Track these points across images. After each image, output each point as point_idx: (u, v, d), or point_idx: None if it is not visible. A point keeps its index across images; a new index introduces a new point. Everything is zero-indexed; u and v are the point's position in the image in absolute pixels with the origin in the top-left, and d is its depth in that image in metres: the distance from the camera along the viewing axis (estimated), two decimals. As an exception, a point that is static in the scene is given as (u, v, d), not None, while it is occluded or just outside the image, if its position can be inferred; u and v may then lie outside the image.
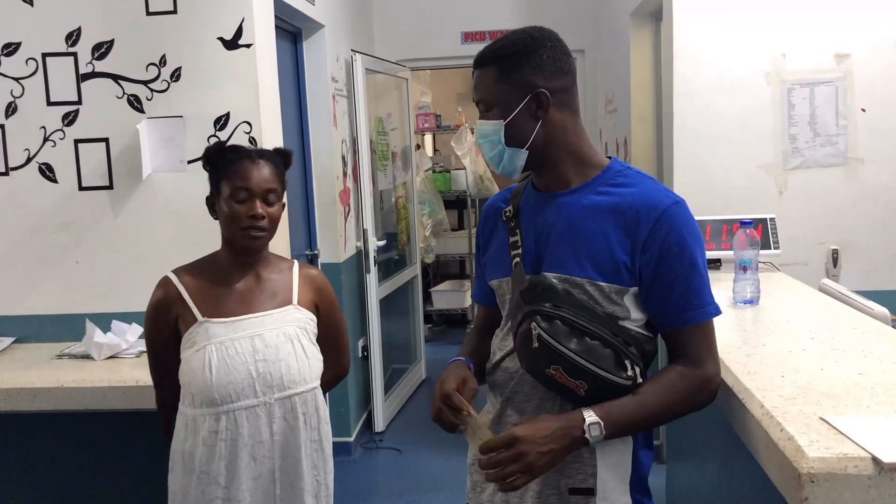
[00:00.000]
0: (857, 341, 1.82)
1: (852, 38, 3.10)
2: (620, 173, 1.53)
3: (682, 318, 1.46)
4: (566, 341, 1.40)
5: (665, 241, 1.44)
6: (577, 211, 1.50)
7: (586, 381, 1.39)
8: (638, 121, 4.07)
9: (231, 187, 1.87)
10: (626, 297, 1.46)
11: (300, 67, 3.98)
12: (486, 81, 1.52)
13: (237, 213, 1.86)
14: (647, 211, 1.45)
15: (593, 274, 1.45)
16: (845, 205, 3.17)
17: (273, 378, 1.88)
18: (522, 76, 1.48)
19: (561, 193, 1.53)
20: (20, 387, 2.39)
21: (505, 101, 1.49)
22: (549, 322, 1.41)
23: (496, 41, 1.54)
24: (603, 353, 1.41)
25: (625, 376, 1.41)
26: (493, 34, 5.24)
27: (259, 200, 1.87)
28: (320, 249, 4.08)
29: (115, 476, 2.77)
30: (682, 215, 1.46)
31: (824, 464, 1.17)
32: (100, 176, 2.87)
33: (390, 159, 5.03)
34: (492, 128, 1.51)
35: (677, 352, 1.48)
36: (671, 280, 1.44)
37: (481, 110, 1.53)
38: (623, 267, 1.45)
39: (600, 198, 1.50)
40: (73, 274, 2.90)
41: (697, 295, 1.46)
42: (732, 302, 2.28)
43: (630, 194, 1.48)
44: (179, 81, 2.83)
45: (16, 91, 2.85)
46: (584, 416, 1.37)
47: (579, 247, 1.47)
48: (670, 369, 1.46)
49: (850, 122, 3.13)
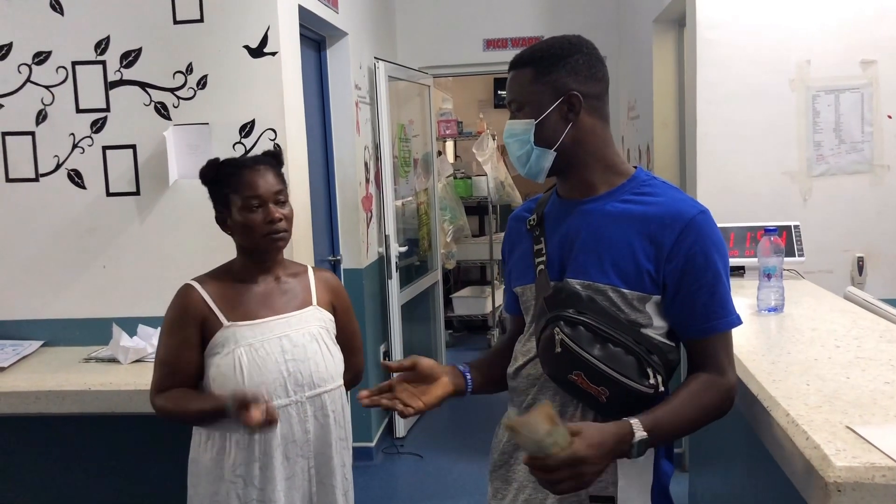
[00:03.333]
0: (883, 350, 1.80)
1: (878, 44, 3.08)
2: (646, 183, 1.54)
3: (706, 327, 1.46)
4: (589, 347, 1.40)
5: (690, 251, 1.44)
6: (601, 218, 1.51)
7: (608, 388, 1.40)
8: (660, 127, 4.06)
9: (242, 198, 1.90)
10: (649, 305, 1.47)
11: (324, 75, 4.02)
12: (520, 81, 1.53)
13: (254, 221, 1.89)
14: (673, 220, 1.45)
15: (616, 281, 1.45)
16: (871, 212, 3.14)
17: (304, 377, 1.91)
18: (557, 77, 1.49)
19: (585, 200, 1.54)
20: (49, 389, 2.43)
21: (538, 101, 1.50)
22: (573, 328, 1.42)
23: (534, 45, 1.55)
24: (626, 360, 1.41)
25: (647, 384, 1.41)
26: (514, 41, 5.25)
27: (272, 204, 1.91)
28: (342, 255, 4.11)
29: (138, 479, 2.81)
30: (708, 225, 1.47)
31: (851, 473, 1.16)
32: (127, 182, 2.91)
33: (412, 166, 5.06)
34: (522, 127, 1.52)
35: (699, 360, 1.48)
36: (696, 289, 1.45)
37: (513, 110, 1.54)
38: (647, 275, 1.45)
39: (625, 206, 1.50)
40: (100, 279, 2.94)
41: (722, 304, 1.47)
42: (756, 309, 2.27)
43: (656, 203, 1.49)
44: (205, 89, 2.87)
45: (46, 99, 2.90)
46: (633, 432, 1.34)
47: (603, 254, 1.48)
48: (698, 379, 1.45)
49: (875, 128, 3.11)
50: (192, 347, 1.93)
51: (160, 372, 1.97)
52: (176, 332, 1.94)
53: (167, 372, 1.95)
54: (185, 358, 1.93)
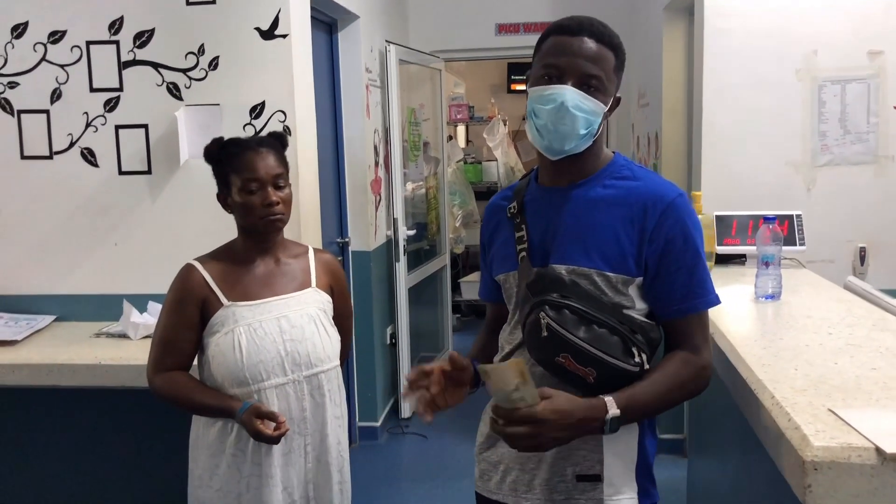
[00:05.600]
0: (874, 338, 1.82)
1: (885, 35, 3.07)
2: (624, 167, 1.58)
3: (684, 306, 1.51)
4: (574, 330, 1.44)
5: (671, 232, 1.49)
6: (584, 204, 1.54)
7: (595, 369, 1.43)
8: (669, 115, 4.07)
9: (241, 180, 1.94)
10: (632, 288, 1.51)
11: (335, 58, 4.05)
12: (607, 62, 1.50)
13: (252, 203, 1.94)
14: (654, 203, 1.50)
15: (601, 264, 1.49)
16: (874, 203, 3.15)
17: (301, 357, 1.96)
18: (621, 77, 1.55)
19: (567, 188, 1.57)
20: (61, 363, 2.49)
21: (611, 90, 1.53)
22: (558, 311, 1.45)
23: (602, 23, 1.52)
24: (611, 340, 1.45)
25: (632, 363, 1.45)
26: (527, 26, 5.26)
27: (270, 187, 1.94)
28: (351, 237, 4.16)
29: (143, 451, 2.88)
30: (686, 207, 1.53)
31: (828, 453, 1.20)
32: (139, 161, 2.96)
33: (422, 150, 5.08)
34: (593, 107, 1.49)
35: (676, 339, 1.52)
36: (675, 269, 1.49)
37: (592, 84, 1.48)
38: (630, 257, 1.49)
39: (606, 191, 1.54)
40: (111, 256, 3.00)
41: (700, 284, 1.51)
42: (754, 297, 2.30)
43: (636, 187, 1.53)
44: (217, 70, 2.91)
45: (61, 78, 2.95)
46: (607, 408, 1.39)
47: (587, 239, 1.51)
48: (674, 358, 1.50)
49: (881, 119, 3.11)
50: (191, 327, 1.97)
51: (158, 350, 2.00)
52: (176, 312, 1.97)
53: (166, 350, 1.98)
54: (185, 337, 1.97)
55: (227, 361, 1.92)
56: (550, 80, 1.49)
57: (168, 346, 1.98)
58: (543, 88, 1.49)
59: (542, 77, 1.50)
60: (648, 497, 1.56)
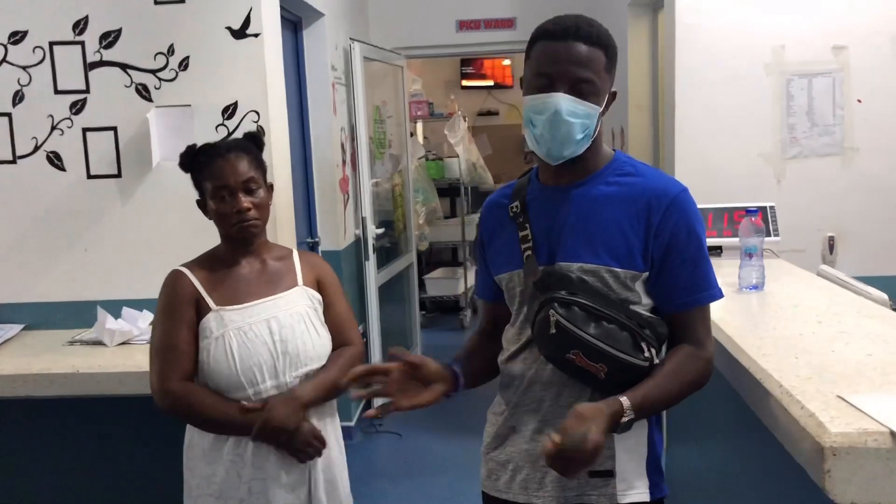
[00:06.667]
0: (861, 324, 1.88)
1: (849, 31, 3.16)
2: (626, 163, 1.59)
3: (689, 300, 1.53)
4: (584, 326, 1.45)
5: (675, 227, 1.51)
6: (588, 202, 1.55)
7: (606, 364, 1.44)
8: (635, 110, 4.12)
9: (212, 187, 1.92)
10: (638, 283, 1.52)
11: (300, 56, 4.00)
12: (596, 62, 1.48)
13: (224, 211, 1.92)
14: (658, 198, 1.52)
15: (609, 261, 1.50)
16: (841, 193, 3.24)
17: (291, 356, 1.93)
18: (614, 73, 1.53)
19: (571, 186, 1.57)
20: (35, 372, 2.41)
21: (604, 91, 1.51)
22: (567, 308, 1.46)
23: (589, 22, 1.50)
24: (620, 335, 1.46)
25: (642, 357, 1.47)
26: (487, 23, 5.27)
27: (241, 193, 1.91)
28: (321, 237, 4.12)
29: (127, 461, 2.81)
30: (690, 202, 1.54)
31: (846, 438, 1.23)
32: (108, 164, 2.89)
33: (387, 147, 5.06)
34: (587, 110, 1.48)
35: (680, 333, 1.54)
36: (679, 263, 1.51)
37: (584, 88, 1.47)
38: (637, 253, 1.50)
39: (610, 188, 1.55)
40: (81, 261, 2.91)
41: (704, 278, 1.54)
42: (738, 287, 2.34)
43: (639, 183, 1.55)
44: (188, 71, 2.85)
45: (23, 79, 2.86)
46: (623, 411, 1.40)
47: (594, 236, 1.52)
48: (680, 353, 1.51)
49: (846, 112, 3.20)
50: (190, 328, 1.92)
51: (162, 359, 1.91)
52: (172, 315, 1.92)
53: (169, 358, 1.91)
54: (186, 339, 1.91)
55: (220, 367, 1.89)
56: (543, 88, 1.48)
57: (171, 353, 1.91)
58: (536, 98, 1.49)
59: (535, 86, 1.50)
60: (659, 490, 1.57)
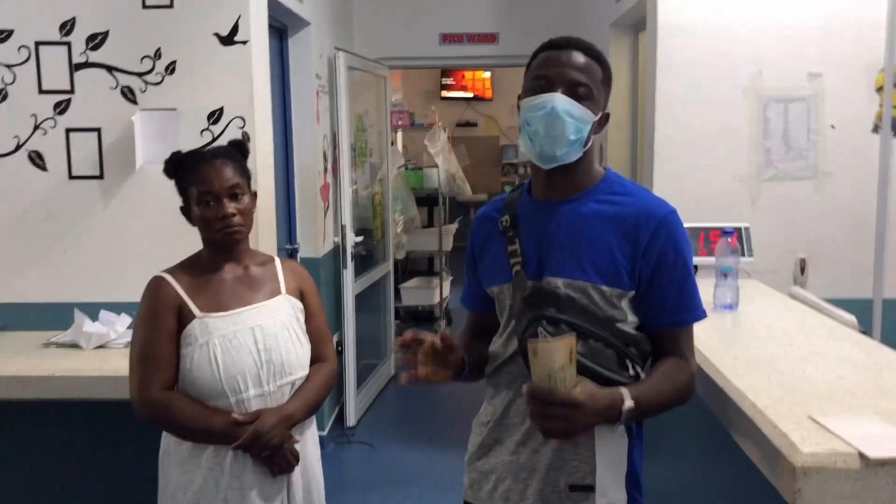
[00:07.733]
0: (832, 346, 1.93)
1: (825, 58, 3.24)
2: (616, 182, 1.63)
3: (675, 320, 1.57)
4: None
5: (663, 248, 1.54)
6: (578, 218, 1.58)
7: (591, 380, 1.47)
8: (615, 129, 4.18)
9: (197, 192, 1.93)
10: (624, 302, 1.55)
11: (285, 63, 4.02)
12: (594, 73, 1.56)
13: (209, 216, 1.93)
14: (647, 219, 1.55)
15: (596, 278, 1.53)
16: (814, 216, 3.31)
17: (275, 365, 1.94)
18: (609, 93, 1.61)
19: (561, 201, 1.60)
20: (10, 375, 2.39)
21: (599, 102, 1.57)
22: (555, 326, 1.50)
23: (588, 42, 1.59)
24: (606, 353, 1.50)
25: (627, 375, 1.51)
26: (471, 37, 5.32)
27: (226, 199, 1.92)
28: (300, 244, 4.12)
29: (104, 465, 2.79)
30: (678, 224, 1.58)
31: (816, 458, 1.27)
32: (90, 166, 2.88)
33: (368, 156, 5.08)
34: (583, 114, 1.53)
35: (664, 351, 1.57)
36: (667, 284, 1.55)
37: (581, 91, 1.53)
38: (624, 271, 1.53)
39: (600, 206, 1.58)
40: (60, 263, 2.90)
41: (690, 298, 1.58)
42: (713, 307, 2.39)
43: (629, 203, 1.58)
44: (174, 75, 2.86)
45: (7, 78, 2.85)
46: (623, 400, 1.42)
47: (582, 252, 1.55)
48: (668, 361, 1.55)
49: (820, 137, 3.27)
50: (170, 337, 1.91)
51: (141, 368, 1.90)
52: (153, 323, 1.91)
53: (149, 367, 1.90)
54: (166, 349, 1.90)
55: (203, 375, 1.89)
56: (541, 89, 1.54)
57: (151, 362, 1.90)
58: (534, 98, 1.54)
59: (533, 88, 1.56)
60: (637, 506, 1.60)
